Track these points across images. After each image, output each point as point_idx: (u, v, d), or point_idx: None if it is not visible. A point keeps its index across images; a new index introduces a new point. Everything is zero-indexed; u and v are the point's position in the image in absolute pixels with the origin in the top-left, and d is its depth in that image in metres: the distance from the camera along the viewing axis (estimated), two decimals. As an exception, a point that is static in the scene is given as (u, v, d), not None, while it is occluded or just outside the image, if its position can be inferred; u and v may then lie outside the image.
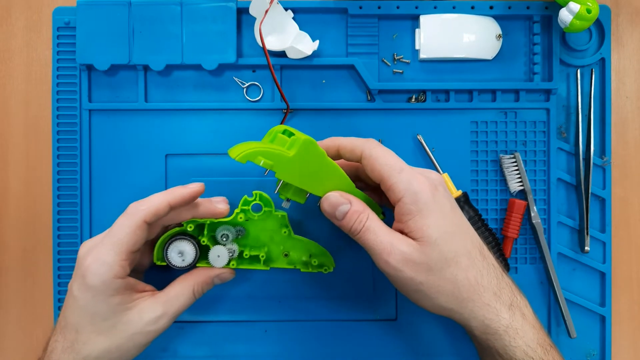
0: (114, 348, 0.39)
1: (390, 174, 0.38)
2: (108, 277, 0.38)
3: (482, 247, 0.39)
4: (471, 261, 0.38)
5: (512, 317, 0.38)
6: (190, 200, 0.41)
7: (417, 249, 0.37)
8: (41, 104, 0.49)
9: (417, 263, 0.37)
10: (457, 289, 0.37)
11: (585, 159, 0.49)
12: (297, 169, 0.39)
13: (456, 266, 0.37)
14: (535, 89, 0.48)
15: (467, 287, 0.37)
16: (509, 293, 0.39)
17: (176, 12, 0.47)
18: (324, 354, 0.48)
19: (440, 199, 0.38)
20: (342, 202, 0.39)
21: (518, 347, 0.37)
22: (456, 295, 0.38)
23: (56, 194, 0.48)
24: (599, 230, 0.49)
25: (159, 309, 0.40)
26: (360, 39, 0.48)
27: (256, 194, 0.43)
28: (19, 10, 0.50)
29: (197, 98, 0.48)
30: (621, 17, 0.50)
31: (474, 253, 0.38)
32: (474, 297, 0.38)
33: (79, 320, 0.39)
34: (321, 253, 0.44)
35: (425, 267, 0.37)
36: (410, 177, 0.38)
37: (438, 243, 0.37)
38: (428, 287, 0.37)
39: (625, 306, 0.50)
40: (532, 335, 0.38)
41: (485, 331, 0.38)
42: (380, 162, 0.39)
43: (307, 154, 0.39)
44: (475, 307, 0.38)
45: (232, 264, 0.43)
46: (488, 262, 0.39)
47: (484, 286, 0.38)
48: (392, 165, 0.38)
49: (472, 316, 0.38)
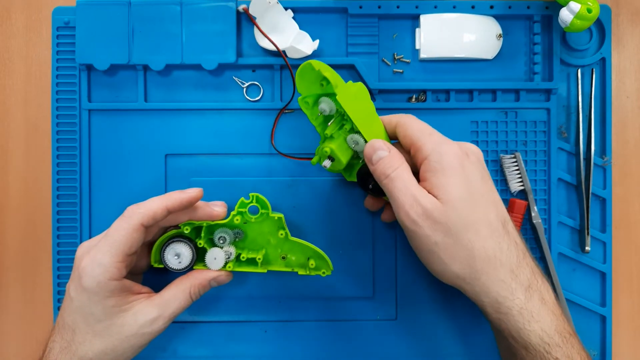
0: (109, 349, 0.39)
1: (420, 136, 0.39)
2: (103, 279, 0.38)
3: (506, 222, 0.38)
4: (492, 232, 0.37)
5: (528, 300, 0.37)
6: (188, 205, 0.41)
7: (439, 207, 0.37)
8: (41, 104, 0.49)
9: (437, 221, 0.36)
10: (472, 258, 0.37)
11: (586, 159, 0.48)
12: (352, 101, 0.41)
13: (475, 233, 0.37)
14: (536, 88, 0.48)
15: (484, 257, 0.37)
16: (528, 274, 0.37)
17: (176, 12, 0.47)
18: (324, 354, 0.48)
19: (468, 165, 0.38)
20: (383, 147, 0.40)
21: (533, 331, 0.36)
22: (470, 264, 0.37)
23: (56, 194, 0.48)
24: (600, 230, 0.49)
25: (154, 311, 0.40)
26: (361, 38, 0.48)
27: (253, 196, 0.43)
28: (19, 10, 0.50)
29: (196, 98, 0.48)
30: (622, 17, 0.50)
31: (496, 225, 0.37)
32: (488, 270, 0.37)
33: (75, 321, 0.39)
34: (319, 256, 0.44)
35: (443, 227, 0.36)
36: (439, 140, 0.39)
37: (459, 206, 0.36)
38: (443, 249, 0.37)
39: (626, 306, 0.50)
40: (550, 322, 0.37)
41: (498, 309, 0.37)
42: (412, 126, 0.40)
43: (362, 94, 0.42)
44: (488, 281, 0.37)
45: (228, 267, 0.43)
46: (510, 238, 0.38)
47: (502, 261, 0.37)
48: (423, 129, 0.39)
49: (484, 290, 0.37)
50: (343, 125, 0.43)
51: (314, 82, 0.43)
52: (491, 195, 0.39)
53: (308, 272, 0.44)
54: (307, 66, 0.41)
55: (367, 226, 0.48)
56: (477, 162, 0.39)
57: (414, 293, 0.48)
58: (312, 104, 0.43)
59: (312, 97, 0.43)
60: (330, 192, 0.48)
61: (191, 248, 0.42)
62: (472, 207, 0.37)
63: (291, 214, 0.48)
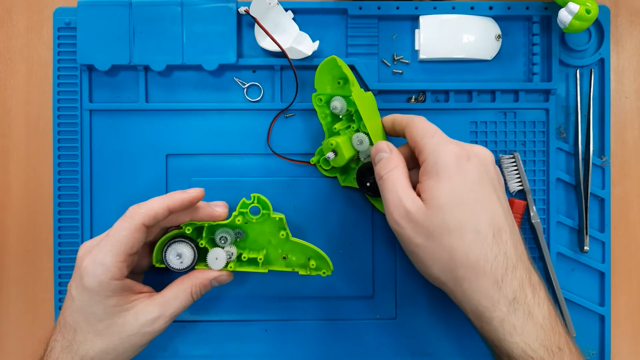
0: (110, 349, 0.39)
1: (422, 136, 0.39)
2: (105, 279, 0.38)
3: (501, 231, 0.37)
4: (477, 240, 0.36)
5: (511, 313, 0.36)
6: (189, 205, 0.41)
7: (422, 210, 0.37)
8: (42, 105, 0.50)
9: (418, 224, 0.37)
10: (453, 263, 0.36)
11: (585, 159, 0.49)
12: (364, 103, 0.43)
13: (459, 239, 0.36)
14: (535, 89, 0.49)
15: (465, 264, 0.36)
16: (515, 287, 0.36)
17: (177, 12, 0.47)
18: (324, 353, 0.48)
19: (467, 168, 0.37)
20: (385, 149, 0.41)
21: (515, 343, 0.36)
22: (451, 269, 0.36)
23: (57, 194, 0.48)
24: (598, 230, 0.49)
25: (156, 310, 0.40)
26: (360, 39, 0.49)
27: (254, 196, 0.43)
28: (20, 11, 0.50)
29: (197, 98, 0.49)
30: (620, 18, 0.51)
31: (485, 233, 0.36)
32: (470, 277, 0.36)
33: (77, 321, 0.39)
34: (319, 256, 0.44)
35: (425, 231, 0.36)
36: (440, 141, 0.38)
37: (444, 210, 0.36)
38: (424, 252, 0.37)
39: (625, 306, 0.50)
40: (536, 336, 0.36)
41: (480, 318, 0.37)
42: (417, 128, 0.40)
43: (371, 102, 0.45)
44: (470, 289, 0.36)
45: (230, 267, 0.43)
46: (500, 249, 0.36)
47: (485, 271, 0.36)
48: (426, 131, 0.39)
49: (465, 298, 0.37)
50: (350, 126, 0.45)
51: (331, 80, 0.45)
52: (487, 201, 0.37)
53: (309, 272, 0.44)
54: (332, 60, 0.44)
55: (367, 226, 0.48)
56: (478, 165, 0.38)
57: (413, 293, 0.48)
58: (325, 101, 0.45)
59: (326, 95, 0.45)
60: (330, 192, 0.48)
61: (193, 248, 0.43)
62: (459, 212, 0.36)
63: (291, 214, 0.48)
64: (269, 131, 0.48)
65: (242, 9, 0.47)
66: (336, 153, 0.44)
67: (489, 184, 0.38)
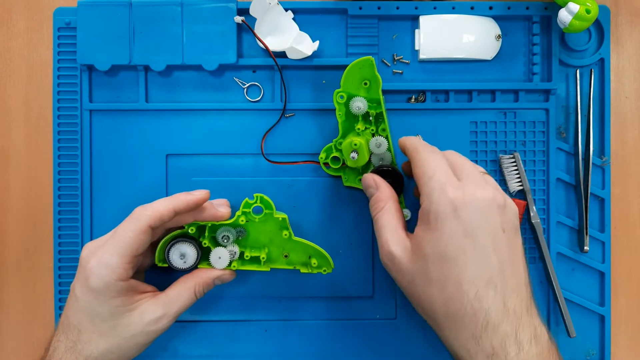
0: (114, 348, 0.39)
1: (421, 176, 0.38)
2: (111, 280, 0.38)
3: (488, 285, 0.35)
4: (457, 294, 0.35)
5: None
6: (194, 207, 0.42)
7: (407, 255, 0.37)
8: (42, 105, 0.50)
9: (402, 269, 0.37)
10: (433, 312, 0.36)
11: (585, 159, 0.49)
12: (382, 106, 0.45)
13: (439, 290, 0.35)
14: (535, 89, 0.49)
15: (444, 315, 0.35)
16: (496, 343, 0.34)
17: (177, 12, 0.47)
18: (324, 353, 0.48)
19: (463, 216, 0.35)
20: (371, 185, 0.42)
21: None
22: (432, 317, 0.37)
23: (57, 194, 0.48)
24: (598, 230, 0.49)
25: (160, 309, 0.40)
26: (360, 39, 0.49)
27: (257, 196, 0.43)
28: (20, 11, 0.50)
29: (197, 98, 0.49)
30: (620, 18, 0.51)
31: (468, 288, 0.34)
32: (450, 326, 0.36)
33: (81, 321, 0.39)
34: (320, 255, 0.44)
35: (408, 277, 0.37)
36: (436, 186, 0.36)
37: (427, 260, 0.36)
38: (409, 293, 0.38)
39: (625, 306, 0.50)
40: None
41: None
42: (417, 164, 0.39)
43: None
44: (450, 336, 0.36)
45: (233, 265, 0.44)
46: (482, 305, 0.34)
47: (463, 325, 0.35)
48: (425, 170, 0.37)
49: (446, 343, 0.37)
50: (367, 128, 0.46)
51: (358, 80, 0.46)
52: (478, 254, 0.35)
53: (309, 270, 0.44)
54: (367, 60, 0.45)
55: (367, 226, 0.48)
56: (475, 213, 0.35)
57: (413, 293, 0.48)
58: (346, 99, 0.45)
59: (347, 94, 0.45)
60: (330, 192, 0.48)
61: (196, 248, 0.43)
62: (442, 265, 0.35)
63: (291, 214, 0.48)
64: (263, 137, 0.48)
65: (238, 19, 0.46)
66: (357, 153, 0.44)
67: (486, 233, 0.35)
